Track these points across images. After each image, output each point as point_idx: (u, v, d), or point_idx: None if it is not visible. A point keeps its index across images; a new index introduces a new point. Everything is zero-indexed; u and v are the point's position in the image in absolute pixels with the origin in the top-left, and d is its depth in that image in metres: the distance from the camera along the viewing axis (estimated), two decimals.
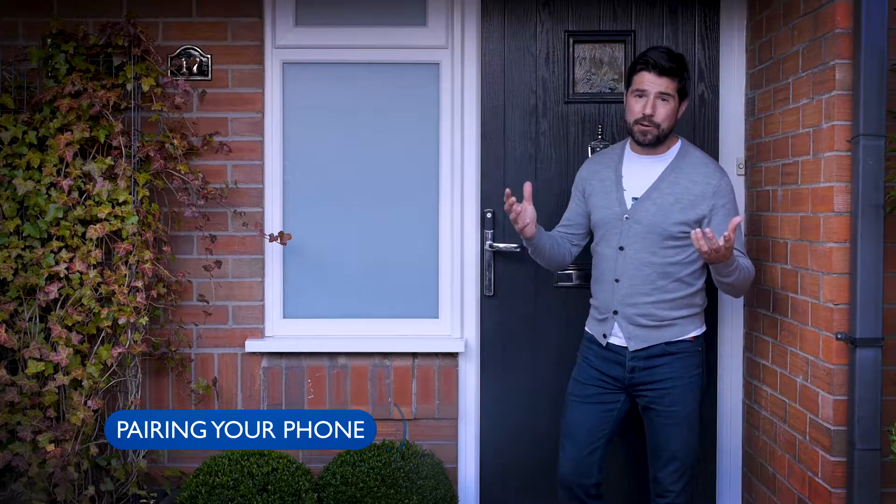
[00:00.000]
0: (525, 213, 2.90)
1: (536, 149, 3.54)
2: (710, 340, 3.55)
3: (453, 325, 3.54)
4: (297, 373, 3.49)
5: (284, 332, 3.54)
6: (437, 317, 3.55)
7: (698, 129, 3.52)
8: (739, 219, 2.77)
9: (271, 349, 3.47)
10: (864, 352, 2.67)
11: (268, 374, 3.49)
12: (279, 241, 3.38)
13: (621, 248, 2.97)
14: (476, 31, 3.52)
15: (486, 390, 3.57)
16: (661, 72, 2.92)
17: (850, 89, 2.71)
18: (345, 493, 3.12)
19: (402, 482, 3.13)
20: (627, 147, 3.10)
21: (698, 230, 2.75)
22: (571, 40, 3.52)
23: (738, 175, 3.51)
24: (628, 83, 3.02)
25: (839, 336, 2.73)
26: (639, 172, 3.02)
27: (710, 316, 3.53)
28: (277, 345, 3.47)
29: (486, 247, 3.52)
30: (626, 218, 2.97)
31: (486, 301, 3.56)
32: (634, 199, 2.99)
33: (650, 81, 2.93)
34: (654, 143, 2.98)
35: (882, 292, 2.67)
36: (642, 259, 2.95)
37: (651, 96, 2.93)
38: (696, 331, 3.03)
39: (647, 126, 2.95)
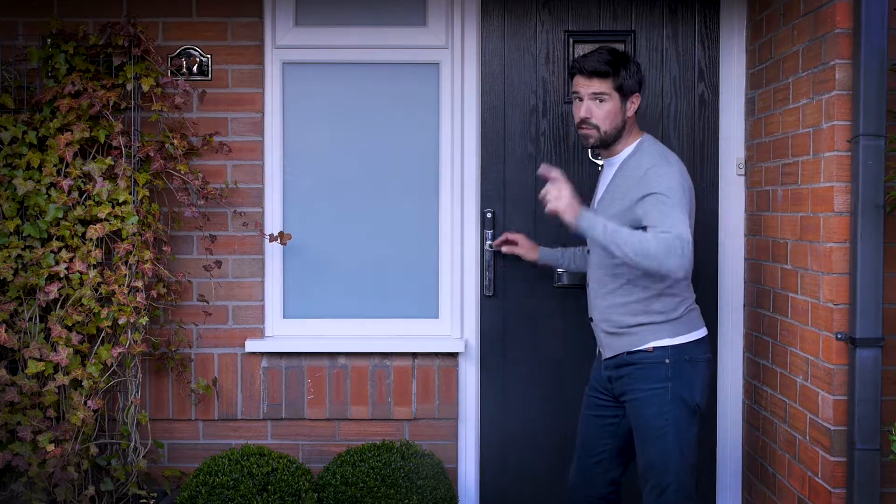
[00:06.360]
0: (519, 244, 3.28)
1: (536, 149, 3.54)
2: (710, 340, 3.55)
3: (453, 325, 3.54)
4: (297, 373, 3.49)
5: (284, 332, 3.54)
6: (437, 317, 3.55)
7: (698, 129, 3.52)
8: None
9: (271, 349, 3.46)
10: (864, 352, 2.67)
11: (268, 374, 3.49)
12: (279, 241, 3.38)
13: (588, 252, 3.01)
14: (476, 31, 3.52)
15: (486, 390, 3.57)
16: (590, 74, 2.86)
17: (850, 89, 2.71)
18: (345, 493, 3.12)
19: (402, 482, 3.13)
20: None
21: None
22: (571, 40, 3.52)
23: (738, 175, 3.51)
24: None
25: (839, 336, 2.73)
26: (602, 180, 3.02)
27: (710, 316, 3.54)
28: (277, 345, 3.47)
29: (486, 247, 3.52)
30: None
31: (485, 301, 3.56)
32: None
33: (581, 84, 2.89)
34: (598, 146, 2.92)
35: (882, 292, 2.67)
36: (598, 261, 2.93)
37: (585, 99, 2.88)
38: (656, 341, 2.81)
39: (586, 129, 2.89)
